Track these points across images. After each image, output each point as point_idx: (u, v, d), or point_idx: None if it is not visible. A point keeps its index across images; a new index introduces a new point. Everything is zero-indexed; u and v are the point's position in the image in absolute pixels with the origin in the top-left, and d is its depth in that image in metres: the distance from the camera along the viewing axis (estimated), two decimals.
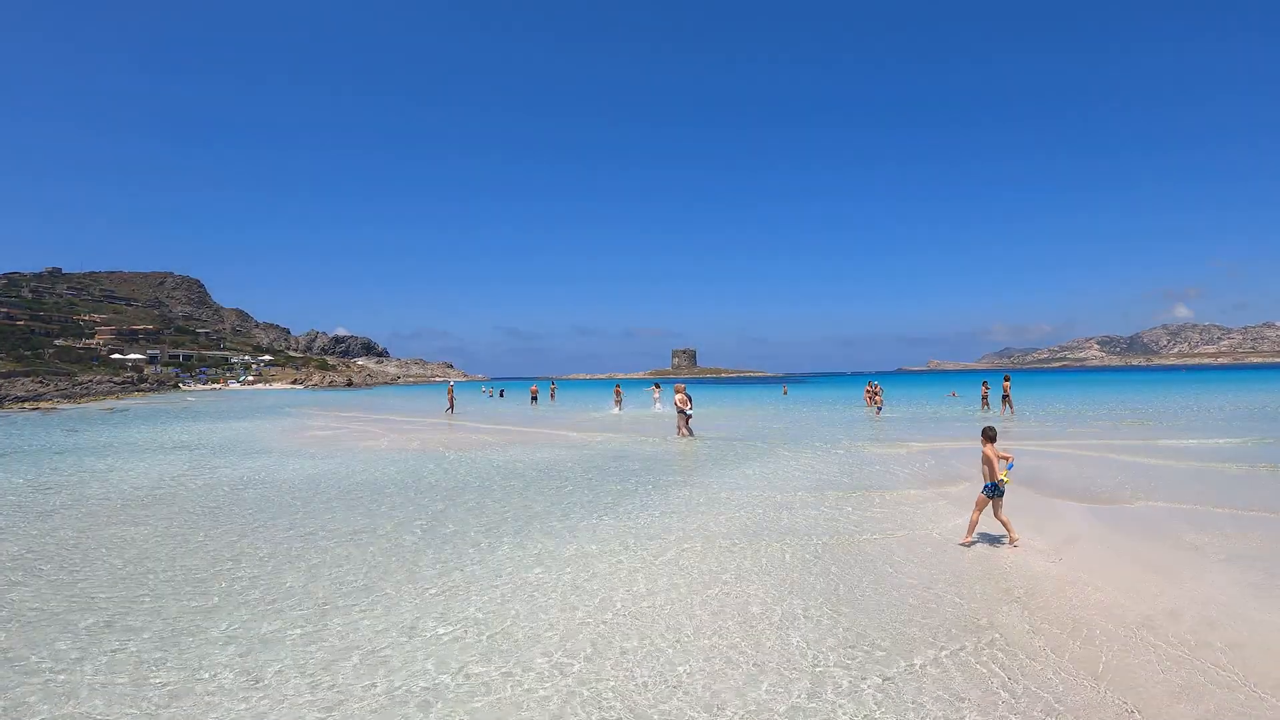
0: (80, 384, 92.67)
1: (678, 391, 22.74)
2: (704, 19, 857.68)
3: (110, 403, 71.17)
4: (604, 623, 5.86)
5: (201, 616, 6.18)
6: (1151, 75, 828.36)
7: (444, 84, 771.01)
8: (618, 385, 43.80)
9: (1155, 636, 5.40)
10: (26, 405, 64.78)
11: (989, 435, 8.34)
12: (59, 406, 64.50)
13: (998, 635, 5.44)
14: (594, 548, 8.40)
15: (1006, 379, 33.68)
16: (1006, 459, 8.19)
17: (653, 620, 5.88)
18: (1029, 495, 11.18)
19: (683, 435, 21.84)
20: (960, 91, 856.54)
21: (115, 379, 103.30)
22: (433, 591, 6.79)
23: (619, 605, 6.30)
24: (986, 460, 8.16)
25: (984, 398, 35.35)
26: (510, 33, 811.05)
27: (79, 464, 17.65)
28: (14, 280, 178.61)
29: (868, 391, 36.52)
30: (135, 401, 73.46)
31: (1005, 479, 8.04)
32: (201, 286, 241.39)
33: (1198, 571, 7.06)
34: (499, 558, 8.02)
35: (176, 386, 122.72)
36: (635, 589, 6.76)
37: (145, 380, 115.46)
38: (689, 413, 22.15)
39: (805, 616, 5.93)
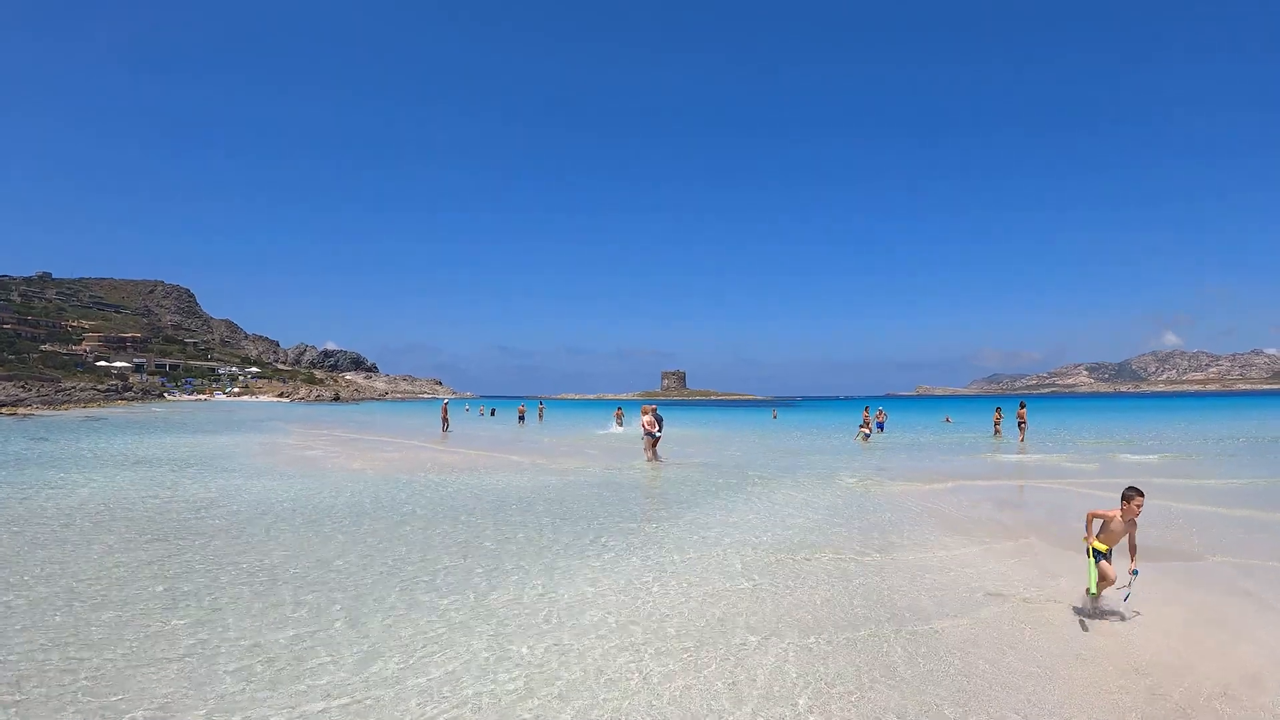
0: (63, 390, 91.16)
1: (645, 413, 22.29)
2: (699, 32, 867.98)
3: (90, 411, 69.84)
4: None
5: None
6: (1141, 92, 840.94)
7: (440, 93, 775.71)
8: (619, 408, 46.54)
9: (1236, 709, 4.72)
10: (3, 410, 63.34)
11: (1129, 496, 6.39)
12: (36, 413, 63.11)
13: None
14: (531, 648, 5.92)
15: (1022, 405, 32.74)
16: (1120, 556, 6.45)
17: None
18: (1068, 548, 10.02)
19: (649, 458, 21.28)
20: (953, 106, 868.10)
21: (100, 387, 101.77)
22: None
23: None
24: (1104, 517, 6.53)
25: (996, 425, 34.60)
26: (506, 43, 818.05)
27: (33, 476, 16.66)
28: (3, 284, 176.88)
29: (867, 418, 35.67)
30: (116, 410, 72.12)
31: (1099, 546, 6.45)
32: (191, 296, 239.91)
33: (1272, 632, 6.25)
34: (450, 624, 6.41)
35: (162, 396, 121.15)
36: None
37: (130, 389, 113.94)
38: (656, 435, 21.70)
39: None
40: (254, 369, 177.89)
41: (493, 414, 66.92)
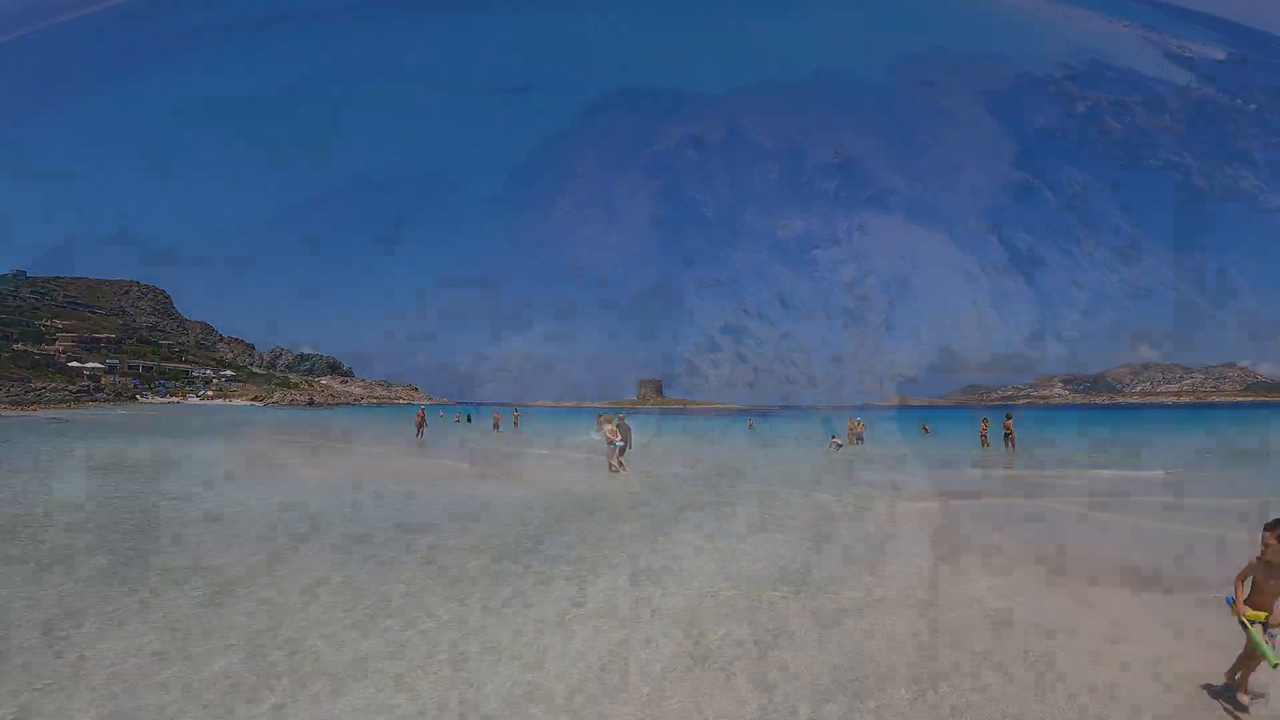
0: (33, 391, 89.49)
1: (606, 422, 22.17)
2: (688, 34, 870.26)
3: (58, 412, 68.56)
4: None
5: None
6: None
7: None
8: (600, 415, 45.22)
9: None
10: None
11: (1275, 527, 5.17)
12: (1, 413, 61.89)
13: None
14: None
15: (1008, 417, 32.14)
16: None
17: None
18: (1057, 578, 9.08)
19: (614, 468, 21.06)
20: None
21: (71, 387, 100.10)
22: None
23: None
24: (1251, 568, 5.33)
25: (983, 436, 33.35)
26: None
27: None
28: None
29: (850, 428, 35.40)
30: (86, 412, 70.84)
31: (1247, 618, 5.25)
32: (167, 297, 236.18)
33: None
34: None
35: (134, 398, 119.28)
36: None
37: (102, 390, 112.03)
38: (619, 444, 21.52)
39: None
40: (229, 372, 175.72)
41: (469, 420, 66.38)
